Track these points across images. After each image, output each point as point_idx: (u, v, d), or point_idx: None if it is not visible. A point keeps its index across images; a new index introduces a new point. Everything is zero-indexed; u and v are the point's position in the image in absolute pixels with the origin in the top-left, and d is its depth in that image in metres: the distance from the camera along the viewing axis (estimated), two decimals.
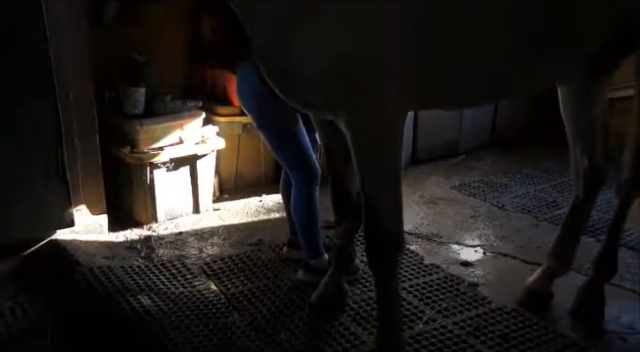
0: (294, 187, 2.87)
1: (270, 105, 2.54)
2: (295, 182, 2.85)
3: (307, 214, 2.86)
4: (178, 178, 3.67)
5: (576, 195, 2.75)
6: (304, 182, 2.82)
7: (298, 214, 2.89)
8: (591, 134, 2.63)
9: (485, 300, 2.84)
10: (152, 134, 3.53)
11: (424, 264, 3.20)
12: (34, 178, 3.19)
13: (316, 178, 2.84)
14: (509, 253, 3.35)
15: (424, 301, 2.83)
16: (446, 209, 3.96)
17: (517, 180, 4.44)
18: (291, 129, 2.73)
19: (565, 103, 2.65)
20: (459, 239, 3.53)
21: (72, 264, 3.13)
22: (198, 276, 3.09)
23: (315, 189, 2.85)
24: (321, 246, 2.96)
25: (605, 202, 3.64)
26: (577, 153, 2.68)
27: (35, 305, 2.83)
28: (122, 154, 3.52)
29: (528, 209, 3.93)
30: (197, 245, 3.45)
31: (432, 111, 4.04)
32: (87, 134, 3.34)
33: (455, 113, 4.77)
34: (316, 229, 2.91)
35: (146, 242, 3.47)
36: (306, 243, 2.95)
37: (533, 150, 4.93)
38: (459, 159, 4.90)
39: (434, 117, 4.63)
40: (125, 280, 2.99)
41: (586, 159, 2.65)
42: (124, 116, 3.56)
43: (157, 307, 2.76)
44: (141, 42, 3.71)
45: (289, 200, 2.96)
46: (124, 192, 3.73)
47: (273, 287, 2.96)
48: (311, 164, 2.80)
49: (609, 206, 3.72)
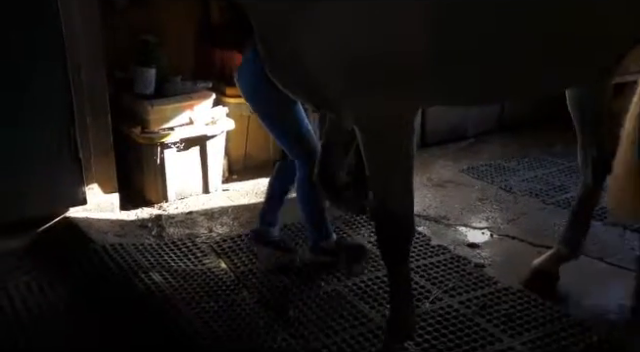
0: (298, 171, 2.84)
1: (267, 92, 2.52)
2: (298, 166, 2.83)
3: (313, 197, 2.82)
4: (188, 158, 3.72)
5: (584, 182, 2.75)
6: (306, 168, 2.76)
7: (304, 198, 2.87)
8: (599, 122, 2.63)
9: (491, 280, 2.88)
10: (162, 114, 3.57)
11: (431, 245, 3.24)
12: (47, 157, 3.27)
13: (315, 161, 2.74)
14: (516, 236, 3.37)
15: (431, 281, 2.87)
16: (454, 192, 3.99)
17: (525, 164, 4.45)
18: (289, 114, 2.71)
19: (572, 92, 2.64)
20: (466, 221, 3.56)
21: (84, 241, 3.19)
22: (208, 254, 3.14)
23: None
24: (329, 228, 2.97)
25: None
26: (585, 141, 2.68)
27: (50, 281, 2.89)
28: (133, 134, 3.57)
29: (535, 192, 3.95)
30: (207, 224, 3.50)
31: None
32: (99, 113, 3.39)
33: None
34: (322, 210, 2.91)
35: (157, 221, 3.52)
36: (314, 226, 2.95)
37: (541, 134, 4.92)
38: (468, 143, 4.91)
39: None
40: (137, 257, 3.05)
41: (595, 147, 2.65)
42: (135, 96, 3.60)
43: (168, 284, 2.82)
44: (152, 24, 3.74)
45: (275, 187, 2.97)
46: (135, 171, 3.78)
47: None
48: (312, 147, 2.75)
49: None
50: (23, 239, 3.25)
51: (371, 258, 3.02)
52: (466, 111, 4.90)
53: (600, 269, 3.02)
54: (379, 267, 2.91)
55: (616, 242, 3.28)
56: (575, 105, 2.66)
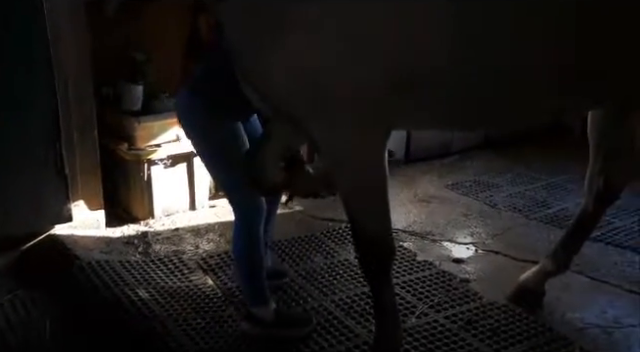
0: (234, 222, 2.52)
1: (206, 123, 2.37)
2: (235, 216, 2.50)
3: (248, 256, 2.49)
4: (175, 175, 3.72)
5: (585, 207, 2.73)
6: (245, 219, 2.46)
7: (240, 254, 2.52)
8: (615, 155, 2.59)
9: (476, 295, 2.90)
10: (150, 131, 3.57)
11: (417, 261, 3.26)
12: (33, 173, 3.24)
13: (259, 216, 2.46)
14: (500, 251, 3.41)
15: (417, 296, 2.89)
16: (439, 207, 4.03)
17: (508, 180, 4.52)
18: (232, 152, 2.37)
19: (594, 120, 2.57)
20: (451, 237, 3.59)
21: (70, 258, 3.17)
22: (194, 271, 3.14)
23: (257, 228, 2.47)
24: (266, 292, 2.55)
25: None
26: (595, 169, 2.65)
27: (34, 299, 2.87)
28: (120, 150, 3.57)
29: (519, 208, 4.00)
30: (193, 241, 3.49)
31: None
32: (86, 130, 3.38)
33: None
34: (260, 268, 2.51)
35: (143, 238, 3.51)
36: (247, 288, 2.59)
37: (524, 151, 5.01)
38: (452, 159, 4.97)
39: None
40: (123, 274, 3.03)
41: (603, 179, 2.63)
42: (122, 113, 3.60)
43: (155, 300, 2.81)
44: (140, 40, 3.75)
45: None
46: (121, 188, 3.77)
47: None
48: (253, 197, 2.42)
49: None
50: (7, 257, 3.21)
51: (357, 273, 3.04)
52: None
53: (582, 283, 3.06)
54: (365, 282, 2.92)
55: (598, 257, 3.33)
56: (594, 132, 2.59)
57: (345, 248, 3.39)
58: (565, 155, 4.68)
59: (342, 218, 3.35)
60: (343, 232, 3.55)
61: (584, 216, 2.75)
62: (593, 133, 2.61)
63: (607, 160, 2.60)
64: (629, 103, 2.35)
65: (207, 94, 2.35)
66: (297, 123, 1.96)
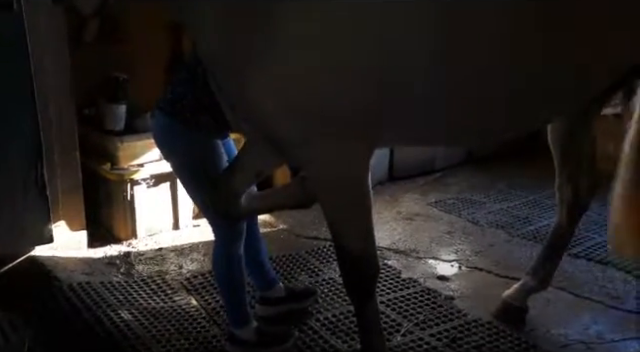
0: (214, 244, 2.53)
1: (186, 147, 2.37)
2: (215, 239, 2.51)
3: (228, 277, 2.49)
4: (158, 194, 3.70)
5: (558, 221, 2.77)
6: (224, 240, 2.46)
7: (218, 276, 2.54)
8: (577, 162, 2.63)
9: (461, 313, 2.91)
10: (132, 151, 3.56)
11: (401, 278, 3.27)
12: (13, 194, 3.20)
13: (239, 237, 2.47)
14: (484, 267, 3.43)
15: (402, 314, 2.89)
16: (423, 225, 4.05)
17: (491, 197, 4.56)
18: (208, 171, 2.36)
19: (553, 129, 2.63)
20: (435, 254, 3.61)
21: (50, 280, 3.12)
22: (178, 291, 3.11)
23: (237, 249, 2.48)
24: (247, 313, 2.58)
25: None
26: (562, 180, 2.69)
27: (11, 322, 2.81)
28: (102, 170, 3.54)
29: (502, 225, 4.04)
30: (177, 261, 3.47)
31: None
32: (67, 150, 3.36)
33: None
34: (240, 290, 2.52)
35: (125, 258, 3.47)
36: (228, 309, 2.58)
37: (506, 168, 5.07)
38: (436, 176, 5.01)
39: None
40: (105, 295, 2.99)
41: (570, 187, 2.67)
42: (105, 133, 3.59)
43: (138, 322, 2.77)
44: (122, 59, 3.76)
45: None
46: (104, 208, 3.74)
47: (252, 302, 2.98)
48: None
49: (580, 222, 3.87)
50: None
51: (342, 292, 3.03)
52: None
53: (565, 300, 3.09)
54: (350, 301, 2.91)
55: (582, 273, 3.36)
56: (556, 143, 2.64)
57: (330, 266, 3.38)
58: (547, 170, 4.71)
59: (327, 236, 3.34)
60: (327, 250, 3.55)
61: (558, 229, 2.78)
62: (555, 142, 2.66)
63: (572, 169, 2.64)
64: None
65: (182, 113, 2.35)
66: (279, 143, 1.96)
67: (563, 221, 2.75)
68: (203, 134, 2.36)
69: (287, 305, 2.85)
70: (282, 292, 2.84)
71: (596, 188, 2.72)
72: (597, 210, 4.20)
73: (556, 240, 2.80)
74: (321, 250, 3.59)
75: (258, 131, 2.05)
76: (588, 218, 4.07)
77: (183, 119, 2.35)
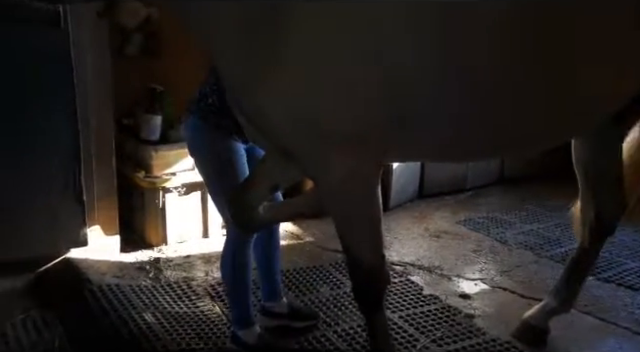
0: (224, 244, 2.58)
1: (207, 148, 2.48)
2: (226, 238, 2.58)
3: (234, 277, 2.55)
4: (189, 203, 3.81)
5: (581, 243, 2.74)
6: (234, 239, 2.51)
7: (225, 275, 2.59)
8: (602, 184, 2.59)
9: (480, 331, 2.89)
10: (166, 160, 3.69)
11: (423, 295, 3.27)
12: (52, 199, 3.37)
13: (248, 239, 2.53)
14: (508, 287, 3.40)
15: (420, 330, 2.89)
16: (450, 242, 4.03)
17: (522, 217, 4.50)
18: (229, 177, 2.44)
19: (578, 150, 2.59)
20: (460, 272, 3.59)
21: (82, 282, 3.26)
22: (202, 297, 3.19)
23: (246, 250, 2.53)
24: (251, 315, 2.63)
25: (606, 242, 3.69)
26: (586, 202, 2.66)
27: (45, 319, 2.95)
28: (137, 178, 3.69)
29: (530, 246, 3.98)
30: (204, 268, 3.56)
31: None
32: (104, 158, 3.52)
33: None
34: (245, 292, 2.57)
35: (155, 263, 3.59)
36: (233, 308, 2.64)
37: (539, 188, 5.01)
38: (467, 195, 4.99)
39: None
40: (132, 298, 3.10)
41: (593, 210, 2.63)
42: (141, 142, 3.73)
43: (160, 324, 2.86)
44: (161, 73, 3.91)
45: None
46: (137, 214, 3.87)
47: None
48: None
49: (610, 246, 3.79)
50: (24, 278, 3.33)
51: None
52: (466, 164, 5.00)
53: (590, 324, 3.03)
54: None
55: (608, 298, 3.29)
56: (579, 162, 2.61)
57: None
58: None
59: None
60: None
61: (581, 251, 2.74)
62: (579, 164, 2.62)
63: (595, 190, 2.60)
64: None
65: (204, 112, 2.47)
66: (291, 156, 2.01)
67: (585, 243, 2.72)
68: (224, 134, 2.45)
69: (287, 321, 2.84)
70: (285, 308, 2.85)
71: (621, 211, 2.67)
72: (631, 235, 4.12)
73: (578, 262, 2.76)
74: (344, 263, 3.60)
75: (271, 144, 2.11)
76: (621, 243, 4.00)
77: (205, 117, 2.47)
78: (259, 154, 2.58)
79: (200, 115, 2.49)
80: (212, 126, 2.46)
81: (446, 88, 1.85)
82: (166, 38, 3.93)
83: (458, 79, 1.84)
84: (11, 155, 3.21)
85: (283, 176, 2.26)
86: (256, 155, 2.58)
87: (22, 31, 3.09)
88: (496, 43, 1.84)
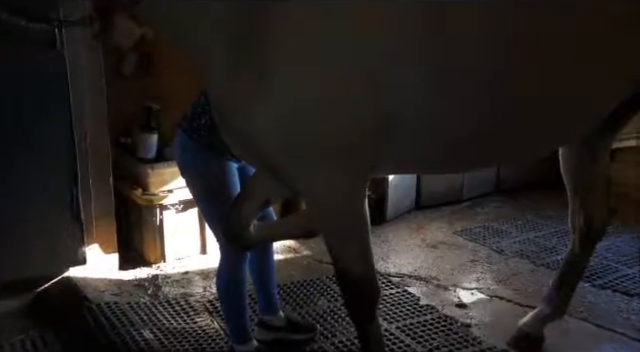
0: (219, 265, 2.62)
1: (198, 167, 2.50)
2: (220, 260, 2.60)
3: (230, 297, 2.59)
4: (186, 220, 3.84)
5: (571, 249, 2.77)
6: (230, 255, 2.54)
7: (221, 295, 2.63)
8: (590, 190, 2.63)
9: (475, 340, 2.91)
10: (162, 177, 3.73)
11: (419, 305, 3.28)
12: (50, 218, 3.40)
13: (243, 260, 2.56)
14: (505, 296, 3.41)
15: (416, 340, 2.90)
16: (446, 253, 4.05)
17: (518, 226, 4.52)
18: (222, 190, 2.48)
19: (566, 159, 2.64)
20: (456, 282, 3.61)
21: (81, 300, 3.28)
22: (200, 313, 3.21)
23: (241, 272, 2.57)
24: (248, 330, 2.67)
25: (602, 248, 3.72)
26: (575, 208, 2.70)
27: (44, 339, 2.97)
28: (134, 196, 3.72)
29: (527, 254, 4.00)
30: (202, 284, 3.58)
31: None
32: (101, 177, 3.55)
33: None
34: (241, 309, 2.61)
35: (153, 280, 3.61)
36: (230, 323, 2.68)
37: (535, 197, 5.04)
38: (463, 206, 5.01)
39: None
40: (130, 315, 3.12)
41: (582, 215, 2.67)
42: (137, 160, 3.78)
43: (158, 340, 2.88)
44: (156, 92, 3.96)
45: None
46: (135, 232, 3.91)
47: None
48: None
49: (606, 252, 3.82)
50: (23, 298, 3.35)
51: None
52: (462, 174, 5.03)
53: (586, 330, 3.04)
54: None
55: (606, 305, 3.31)
56: (567, 170, 2.65)
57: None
58: None
59: None
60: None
61: (572, 257, 2.77)
62: (566, 172, 2.66)
63: (584, 196, 2.63)
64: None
65: (197, 132, 2.49)
66: (278, 171, 2.03)
67: (576, 249, 2.75)
68: (216, 154, 2.47)
69: (284, 334, 2.85)
70: (282, 322, 2.86)
71: (609, 218, 2.71)
72: (627, 242, 4.14)
73: (569, 268, 2.79)
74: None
75: (257, 163, 2.14)
76: (618, 249, 4.02)
77: (198, 137, 2.49)
78: (250, 172, 2.61)
79: (192, 135, 2.50)
80: (205, 146, 2.48)
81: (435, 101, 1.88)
82: (161, 57, 3.98)
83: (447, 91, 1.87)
84: (9, 176, 3.25)
85: (274, 192, 2.28)
86: (247, 173, 2.61)
87: (18, 53, 3.14)
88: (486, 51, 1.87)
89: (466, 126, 1.97)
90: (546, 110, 2.03)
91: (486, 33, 1.87)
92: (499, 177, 5.31)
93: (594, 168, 2.61)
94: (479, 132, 2.00)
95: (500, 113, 1.99)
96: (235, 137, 2.07)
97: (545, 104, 2.01)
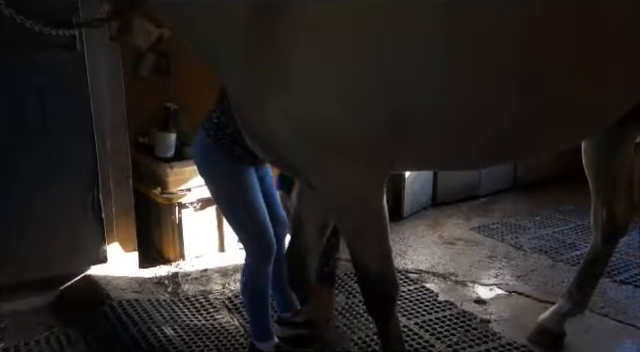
0: (244, 261, 2.64)
1: (220, 168, 2.50)
2: (246, 255, 2.62)
3: (256, 293, 2.62)
4: (205, 218, 3.88)
5: (594, 244, 2.75)
6: (255, 257, 2.56)
7: (246, 291, 2.65)
8: (613, 185, 2.61)
9: (495, 336, 2.90)
10: (181, 176, 3.77)
11: (438, 301, 3.29)
12: (72, 217, 3.46)
13: (269, 254, 2.57)
14: (524, 292, 3.40)
15: (435, 336, 2.91)
16: (464, 249, 4.05)
17: (536, 222, 4.50)
18: (243, 195, 2.49)
19: (588, 152, 2.61)
20: (475, 278, 3.60)
21: (103, 298, 3.33)
22: (220, 310, 3.24)
23: (267, 266, 2.59)
24: (270, 329, 2.70)
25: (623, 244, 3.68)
26: (598, 203, 2.68)
27: (68, 336, 3.02)
28: (153, 195, 3.77)
29: (546, 250, 3.98)
30: (221, 281, 3.62)
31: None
32: (121, 177, 3.60)
33: None
34: (265, 309, 2.66)
35: (173, 278, 3.65)
36: (252, 322, 2.71)
37: (554, 193, 5.00)
38: (480, 202, 4.99)
39: None
40: (151, 313, 3.16)
41: (605, 211, 2.65)
42: (156, 159, 3.82)
43: (180, 337, 2.92)
44: (174, 92, 4.01)
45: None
46: (154, 230, 3.95)
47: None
48: (264, 237, 2.53)
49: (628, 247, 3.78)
50: (46, 297, 3.42)
51: None
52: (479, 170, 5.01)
53: (607, 326, 3.03)
54: None
55: (627, 300, 3.28)
56: (590, 165, 2.63)
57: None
58: None
59: None
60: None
61: (594, 253, 2.75)
62: (589, 167, 2.63)
63: (607, 191, 2.61)
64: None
65: (222, 140, 2.49)
66: (297, 170, 2.04)
67: (598, 245, 2.73)
68: (236, 163, 2.48)
69: (304, 330, 2.87)
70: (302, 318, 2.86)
71: (633, 214, 2.68)
72: None
73: (591, 263, 2.77)
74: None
75: (278, 161, 2.14)
76: (638, 245, 3.98)
77: (222, 146, 2.49)
78: (270, 181, 2.68)
79: (219, 143, 2.47)
80: (228, 155, 2.47)
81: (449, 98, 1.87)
82: (178, 57, 4.02)
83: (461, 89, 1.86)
84: (31, 176, 3.31)
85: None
86: (268, 183, 2.65)
87: (40, 55, 3.19)
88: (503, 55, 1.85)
89: (482, 124, 1.96)
90: (567, 108, 1.99)
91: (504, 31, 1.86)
92: (516, 172, 5.28)
93: (617, 163, 2.58)
94: (496, 130, 1.98)
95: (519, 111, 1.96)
96: (254, 133, 2.08)
97: (567, 102, 1.97)
